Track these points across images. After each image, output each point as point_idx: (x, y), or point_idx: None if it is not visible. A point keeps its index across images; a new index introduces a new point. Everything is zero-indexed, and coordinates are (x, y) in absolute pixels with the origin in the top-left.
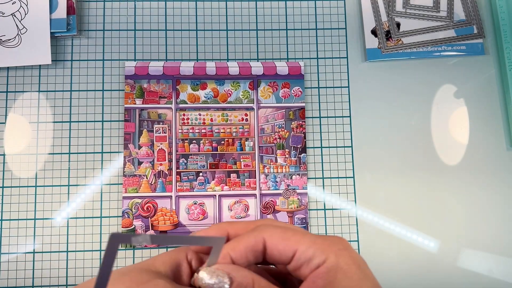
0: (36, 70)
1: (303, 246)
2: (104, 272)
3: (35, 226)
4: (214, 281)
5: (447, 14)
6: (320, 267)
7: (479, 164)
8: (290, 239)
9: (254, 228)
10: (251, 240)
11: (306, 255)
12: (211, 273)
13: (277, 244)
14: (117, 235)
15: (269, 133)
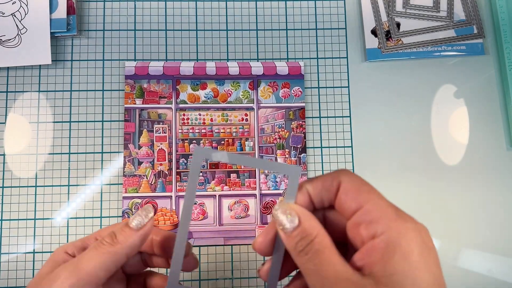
0: (36, 70)
1: (371, 206)
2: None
3: (35, 226)
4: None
5: (447, 14)
6: (377, 238)
7: (479, 164)
8: (362, 192)
9: (334, 171)
10: (328, 179)
11: (368, 216)
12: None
13: (348, 190)
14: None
15: (269, 133)
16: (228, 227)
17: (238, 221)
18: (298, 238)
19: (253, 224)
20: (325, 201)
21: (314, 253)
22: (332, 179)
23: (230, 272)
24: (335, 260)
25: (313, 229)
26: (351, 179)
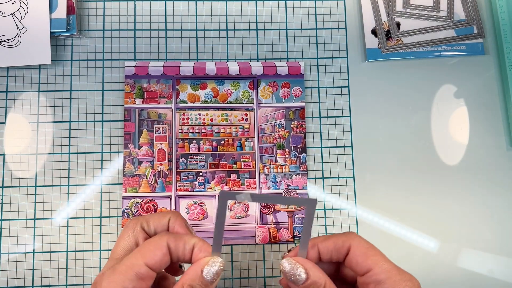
0: (36, 70)
1: (379, 269)
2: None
3: (35, 226)
4: (291, 271)
5: (447, 14)
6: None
7: (479, 164)
8: (370, 257)
9: (344, 233)
10: (339, 241)
11: (377, 277)
12: (291, 263)
13: (358, 255)
14: (225, 192)
15: (269, 133)
16: (228, 227)
17: (238, 221)
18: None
19: (253, 224)
20: (334, 258)
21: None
22: (343, 242)
23: (230, 272)
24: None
25: (321, 279)
26: (360, 244)
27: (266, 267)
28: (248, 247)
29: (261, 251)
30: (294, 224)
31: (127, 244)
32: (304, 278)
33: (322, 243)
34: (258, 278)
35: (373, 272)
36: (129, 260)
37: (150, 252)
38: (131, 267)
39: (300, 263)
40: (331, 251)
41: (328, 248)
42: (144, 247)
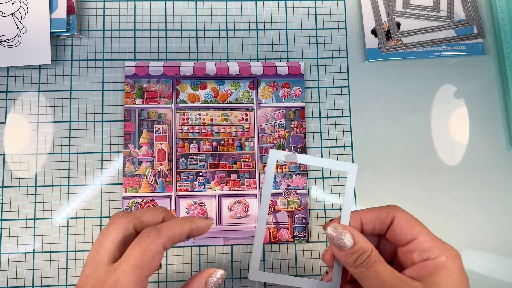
0: (36, 70)
1: (424, 238)
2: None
3: (35, 226)
4: (339, 236)
5: (447, 14)
6: (429, 261)
7: (479, 164)
8: (415, 227)
9: (387, 205)
10: (383, 212)
11: (422, 245)
12: (338, 229)
13: (403, 225)
14: (274, 150)
15: (269, 133)
16: (228, 227)
17: (238, 221)
18: (358, 254)
19: (253, 224)
20: (377, 229)
21: (372, 263)
22: (387, 213)
23: (230, 272)
24: (389, 268)
25: (368, 245)
26: (405, 214)
27: (266, 268)
28: (248, 247)
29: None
30: (294, 224)
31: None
32: (352, 243)
33: (365, 213)
34: None
35: (418, 241)
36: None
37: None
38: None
39: (347, 229)
40: (374, 222)
41: (372, 218)
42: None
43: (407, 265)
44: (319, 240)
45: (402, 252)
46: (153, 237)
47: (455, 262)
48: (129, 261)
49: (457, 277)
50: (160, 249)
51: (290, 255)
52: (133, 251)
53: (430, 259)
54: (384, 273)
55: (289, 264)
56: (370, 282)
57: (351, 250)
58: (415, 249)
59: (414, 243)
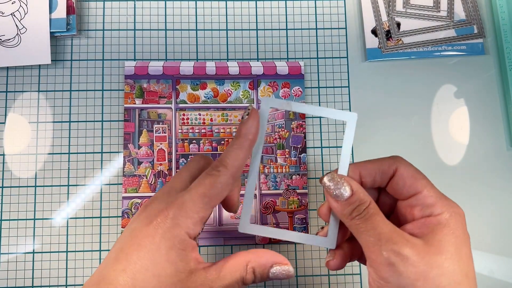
0: (36, 70)
1: (428, 193)
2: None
3: (35, 226)
4: (336, 185)
5: (447, 14)
6: (431, 217)
7: (480, 164)
8: (419, 180)
9: (390, 156)
10: (384, 164)
11: (426, 201)
12: (335, 178)
13: (406, 177)
14: (267, 98)
15: (269, 133)
16: (228, 227)
17: (238, 221)
18: (356, 205)
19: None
20: (377, 181)
21: (370, 215)
22: (389, 164)
23: None
24: (387, 222)
25: (367, 197)
26: (409, 166)
27: None
28: (248, 247)
29: None
30: (294, 224)
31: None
32: (349, 193)
33: (365, 165)
34: None
35: (421, 195)
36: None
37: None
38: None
39: (344, 179)
40: (374, 174)
41: (372, 170)
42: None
43: (407, 220)
44: None
45: (403, 206)
46: (222, 170)
47: (458, 220)
48: (198, 189)
49: (460, 236)
50: (230, 180)
51: (290, 255)
52: (203, 181)
53: (433, 215)
54: (383, 226)
55: None
56: (366, 235)
57: (348, 200)
58: (417, 204)
59: (417, 198)
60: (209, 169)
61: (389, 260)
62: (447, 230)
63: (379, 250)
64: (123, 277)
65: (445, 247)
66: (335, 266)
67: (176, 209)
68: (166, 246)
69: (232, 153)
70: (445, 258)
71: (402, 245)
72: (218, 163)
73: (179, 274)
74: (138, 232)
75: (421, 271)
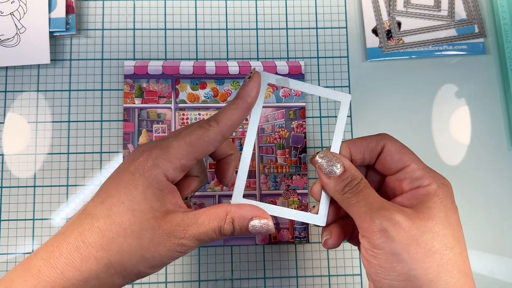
0: (35, 69)
1: (415, 166)
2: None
3: (34, 227)
4: (328, 162)
5: (448, 13)
6: (420, 188)
7: (480, 164)
8: (406, 154)
9: (377, 134)
10: (373, 141)
11: (414, 174)
12: (327, 155)
13: (394, 152)
14: (266, 73)
15: (269, 133)
16: None
17: None
18: (348, 181)
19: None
20: (366, 159)
21: (361, 189)
22: (377, 141)
23: (230, 272)
24: (377, 194)
25: (358, 173)
26: (395, 142)
27: (266, 268)
28: (248, 248)
29: (261, 252)
30: (294, 225)
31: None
32: (341, 170)
33: (355, 143)
34: (258, 279)
35: (410, 168)
36: None
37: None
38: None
39: (337, 156)
40: (363, 151)
41: (361, 147)
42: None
43: (396, 194)
44: (319, 240)
45: (391, 181)
46: (212, 126)
47: (446, 190)
48: (186, 138)
49: (449, 205)
50: (219, 137)
51: (291, 255)
52: (192, 131)
53: (422, 186)
54: (374, 196)
55: (289, 265)
56: (357, 206)
57: (341, 176)
58: (406, 177)
59: (405, 171)
60: (202, 121)
61: (381, 226)
62: (436, 199)
63: (371, 218)
64: (100, 208)
65: (435, 214)
66: (332, 244)
67: (159, 151)
68: (143, 184)
69: (228, 112)
70: (436, 223)
71: (394, 211)
72: (211, 118)
73: (154, 212)
74: (121, 169)
75: (413, 235)
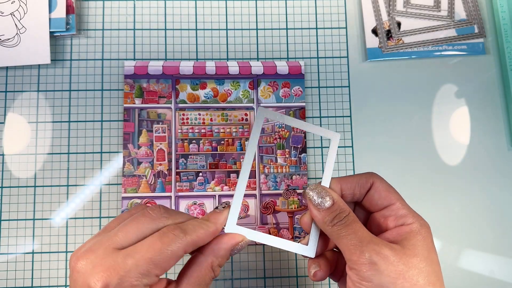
0: (35, 69)
1: (400, 204)
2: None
3: (34, 227)
4: (317, 194)
5: (448, 13)
6: (404, 226)
7: (480, 164)
8: (392, 193)
9: (366, 172)
10: (362, 178)
11: (399, 212)
12: (317, 187)
13: (382, 190)
14: (263, 108)
15: (269, 133)
16: None
17: (238, 221)
18: (337, 213)
19: (253, 224)
20: (356, 195)
21: (350, 222)
22: (366, 179)
23: (230, 272)
24: (365, 228)
25: (346, 206)
26: (382, 181)
27: (266, 268)
28: (248, 248)
29: (261, 252)
30: (294, 225)
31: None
32: (330, 203)
33: (346, 180)
34: (258, 279)
35: (395, 206)
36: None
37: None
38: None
39: (326, 189)
40: (353, 187)
41: (352, 184)
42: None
43: (381, 230)
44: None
45: (377, 217)
46: (177, 237)
47: (427, 230)
48: (145, 253)
49: (430, 244)
50: (181, 253)
51: (290, 255)
52: (152, 244)
53: (405, 224)
54: (363, 231)
55: (289, 265)
56: (347, 239)
57: (330, 209)
58: (391, 215)
59: (390, 209)
60: (165, 229)
61: (371, 259)
62: (420, 237)
63: (361, 251)
64: None
65: (419, 251)
66: (321, 276)
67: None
68: None
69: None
70: (420, 260)
71: (382, 246)
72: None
73: None
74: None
75: (400, 270)
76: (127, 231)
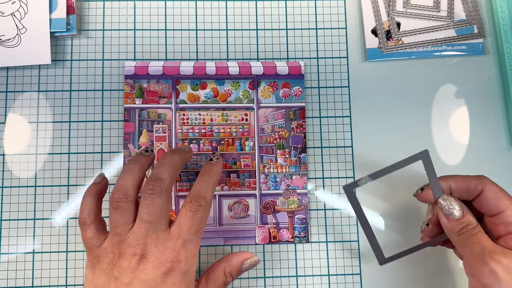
0: (36, 70)
1: (510, 212)
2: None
3: (35, 226)
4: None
5: (448, 13)
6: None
7: (480, 164)
8: (503, 200)
9: (477, 176)
10: (472, 183)
11: (508, 219)
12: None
13: (491, 197)
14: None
15: (269, 133)
16: (228, 227)
17: (238, 221)
18: (465, 224)
19: (253, 224)
20: (463, 197)
21: (476, 233)
22: (475, 185)
23: None
24: (487, 237)
25: (474, 219)
26: (494, 187)
27: (266, 267)
28: (248, 247)
29: (261, 251)
30: (294, 224)
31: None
32: (460, 214)
33: (456, 182)
34: (258, 279)
35: (504, 214)
36: None
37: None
38: None
39: (455, 200)
40: (462, 191)
41: (461, 187)
42: None
43: (493, 235)
44: (319, 240)
45: (489, 222)
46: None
47: None
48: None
49: None
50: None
51: (290, 255)
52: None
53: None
54: (486, 241)
55: (289, 264)
56: (471, 247)
57: (459, 220)
58: (501, 223)
59: (501, 216)
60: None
61: (491, 267)
62: None
63: (483, 260)
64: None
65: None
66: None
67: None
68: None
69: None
70: None
71: (502, 255)
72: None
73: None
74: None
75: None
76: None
